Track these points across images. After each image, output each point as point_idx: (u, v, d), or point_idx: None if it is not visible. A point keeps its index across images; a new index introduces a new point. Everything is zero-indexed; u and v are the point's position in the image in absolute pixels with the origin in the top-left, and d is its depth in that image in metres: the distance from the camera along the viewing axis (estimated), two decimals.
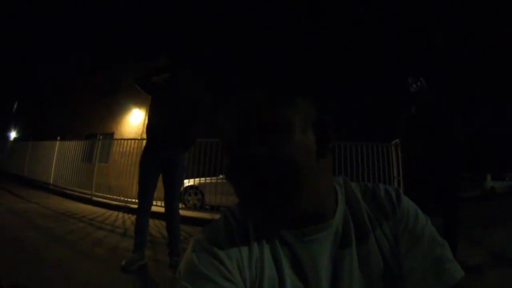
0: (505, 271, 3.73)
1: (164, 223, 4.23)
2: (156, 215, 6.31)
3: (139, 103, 15.26)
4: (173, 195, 3.92)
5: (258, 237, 0.78)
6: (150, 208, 3.85)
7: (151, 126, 3.90)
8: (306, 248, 0.78)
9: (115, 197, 9.27)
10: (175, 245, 3.79)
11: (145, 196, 3.78)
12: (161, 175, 3.93)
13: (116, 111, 16.21)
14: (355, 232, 0.81)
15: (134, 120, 15.45)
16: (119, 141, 11.70)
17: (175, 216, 3.88)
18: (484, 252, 4.40)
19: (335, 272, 0.76)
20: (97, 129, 16.32)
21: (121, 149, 10.65)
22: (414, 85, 4.60)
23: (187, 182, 9.50)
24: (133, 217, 6.85)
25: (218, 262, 0.71)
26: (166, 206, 3.91)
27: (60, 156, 11.69)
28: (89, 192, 9.61)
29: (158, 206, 7.00)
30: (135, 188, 9.19)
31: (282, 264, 0.76)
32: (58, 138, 12.13)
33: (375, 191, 0.90)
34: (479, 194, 19.45)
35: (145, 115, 15.03)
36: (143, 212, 3.77)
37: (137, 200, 3.83)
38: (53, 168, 11.59)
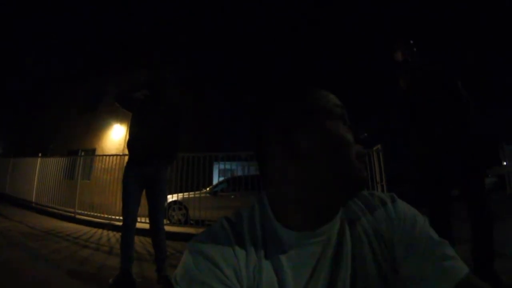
0: (496, 264, 3.84)
1: (149, 239, 4.23)
2: (141, 231, 6.31)
3: (120, 119, 15.19)
4: (158, 210, 3.91)
5: (255, 242, 0.80)
6: (135, 224, 3.83)
7: (134, 141, 3.89)
8: (306, 251, 0.80)
9: (98, 214, 9.21)
10: (162, 261, 3.78)
11: (129, 213, 3.75)
12: (144, 191, 3.94)
13: (97, 126, 16.08)
14: (351, 236, 0.84)
15: (116, 136, 15.34)
16: (101, 157, 11.65)
17: (160, 232, 3.87)
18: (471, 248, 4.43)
19: (332, 275, 0.78)
20: (79, 145, 16.19)
21: (103, 166, 10.61)
22: (406, 52, 3.61)
23: (171, 198, 9.45)
24: (118, 235, 6.84)
25: (215, 267, 0.72)
26: (151, 222, 3.90)
27: (42, 173, 11.51)
28: (72, 210, 9.50)
29: (142, 223, 7.01)
30: (118, 205, 9.13)
31: (282, 268, 0.77)
32: (40, 154, 11.99)
33: (369, 199, 0.92)
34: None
35: (127, 131, 14.97)
36: (128, 228, 3.73)
37: (121, 217, 3.84)
38: (35, 186, 11.41)
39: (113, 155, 10.23)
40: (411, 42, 3.63)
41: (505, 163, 13.03)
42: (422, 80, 3.48)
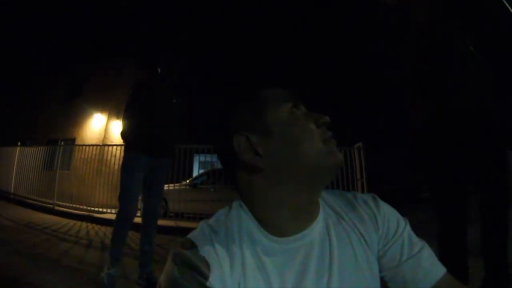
0: (476, 264, 3.86)
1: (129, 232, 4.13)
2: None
3: (100, 108, 15.09)
4: (158, 202, 3.81)
5: (238, 248, 0.78)
6: (133, 217, 3.58)
7: (145, 129, 3.58)
8: (291, 256, 0.79)
9: (77, 206, 9.10)
10: (149, 256, 3.61)
11: (129, 203, 3.50)
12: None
13: (78, 115, 15.89)
14: (334, 237, 0.84)
15: (96, 125, 15.22)
16: (80, 147, 11.55)
17: (155, 225, 3.76)
18: None
19: (318, 278, 0.78)
20: (58, 134, 15.98)
21: (82, 156, 10.53)
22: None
23: None
24: (97, 227, 6.85)
25: (200, 275, 0.70)
26: (147, 214, 3.73)
27: (20, 163, 11.35)
28: (51, 201, 9.36)
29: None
30: (97, 197, 9.09)
31: (268, 274, 0.76)
32: (19, 143, 11.81)
33: (352, 200, 0.94)
34: None
35: (108, 120, 14.87)
36: (125, 222, 3.49)
37: (100, 209, 3.69)
38: (13, 176, 11.26)
39: (93, 145, 10.17)
40: None
41: None
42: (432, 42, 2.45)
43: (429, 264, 0.83)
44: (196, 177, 10.22)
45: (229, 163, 0.88)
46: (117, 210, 3.61)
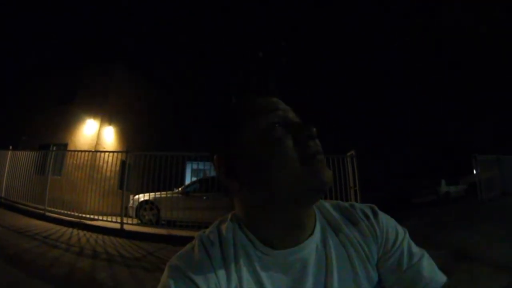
0: (471, 268, 3.82)
1: (121, 240, 4.08)
2: (112, 231, 6.27)
3: (93, 113, 15.06)
4: None
5: (235, 261, 0.77)
6: None
7: None
8: (288, 269, 0.78)
9: (69, 212, 8.97)
10: None
11: None
12: None
13: (70, 120, 15.77)
14: (333, 249, 0.83)
15: (88, 131, 15.15)
16: (72, 152, 11.49)
17: None
18: (446, 253, 4.45)
19: None
20: (50, 139, 15.83)
21: (74, 161, 10.48)
22: None
23: (142, 197, 9.37)
24: (88, 234, 6.80)
25: (195, 286, 0.70)
26: None
27: (12, 167, 11.19)
28: (42, 207, 9.25)
29: (113, 222, 6.91)
30: (89, 203, 9.04)
31: (263, 285, 0.75)
32: (10, 147, 11.71)
33: (351, 211, 0.92)
34: (435, 199, 19.77)
35: (100, 126, 14.88)
36: None
37: (92, 216, 3.54)
38: (4, 180, 11.10)
39: (85, 151, 10.13)
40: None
41: (475, 172, 13.27)
42: None
43: (429, 273, 0.81)
44: (188, 185, 10.11)
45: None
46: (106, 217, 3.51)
